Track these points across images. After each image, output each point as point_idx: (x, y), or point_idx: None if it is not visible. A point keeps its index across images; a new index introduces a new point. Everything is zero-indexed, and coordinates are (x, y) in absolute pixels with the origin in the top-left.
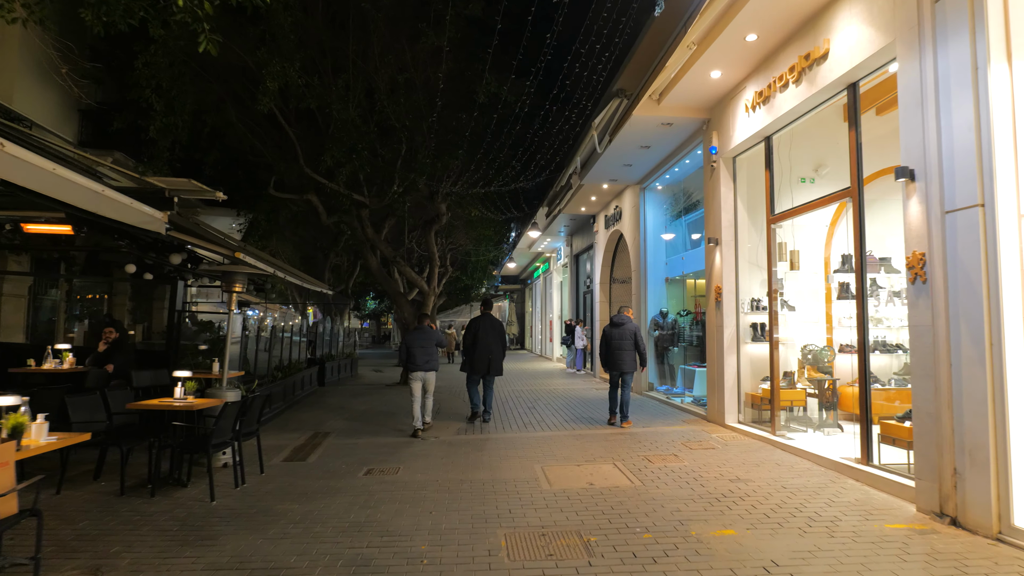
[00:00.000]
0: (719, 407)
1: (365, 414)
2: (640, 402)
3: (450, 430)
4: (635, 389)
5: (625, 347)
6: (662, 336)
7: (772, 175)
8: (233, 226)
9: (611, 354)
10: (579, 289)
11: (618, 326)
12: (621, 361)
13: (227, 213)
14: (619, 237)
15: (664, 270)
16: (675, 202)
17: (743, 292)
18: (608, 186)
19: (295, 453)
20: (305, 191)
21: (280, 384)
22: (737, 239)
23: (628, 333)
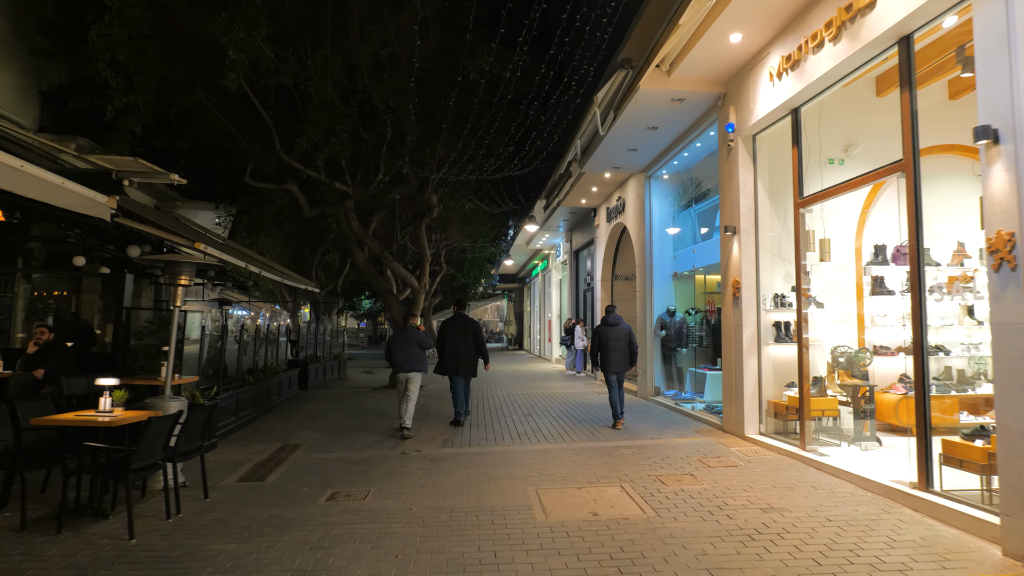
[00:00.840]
0: (737, 416)
1: (343, 422)
2: (646, 408)
3: (435, 442)
4: (640, 394)
5: (621, 347)
6: (669, 336)
7: (800, 153)
8: (216, 221)
9: (608, 355)
10: (579, 287)
11: (614, 326)
12: (617, 362)
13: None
14: (622, 231)
15: (671, 265)
16: (683, 191)
17: (764, 287)
18: (610, 175)
19: (254, 471)
20: (284, 180)
21: (250, 389)
22: (757, 227)
23: (623, 333)
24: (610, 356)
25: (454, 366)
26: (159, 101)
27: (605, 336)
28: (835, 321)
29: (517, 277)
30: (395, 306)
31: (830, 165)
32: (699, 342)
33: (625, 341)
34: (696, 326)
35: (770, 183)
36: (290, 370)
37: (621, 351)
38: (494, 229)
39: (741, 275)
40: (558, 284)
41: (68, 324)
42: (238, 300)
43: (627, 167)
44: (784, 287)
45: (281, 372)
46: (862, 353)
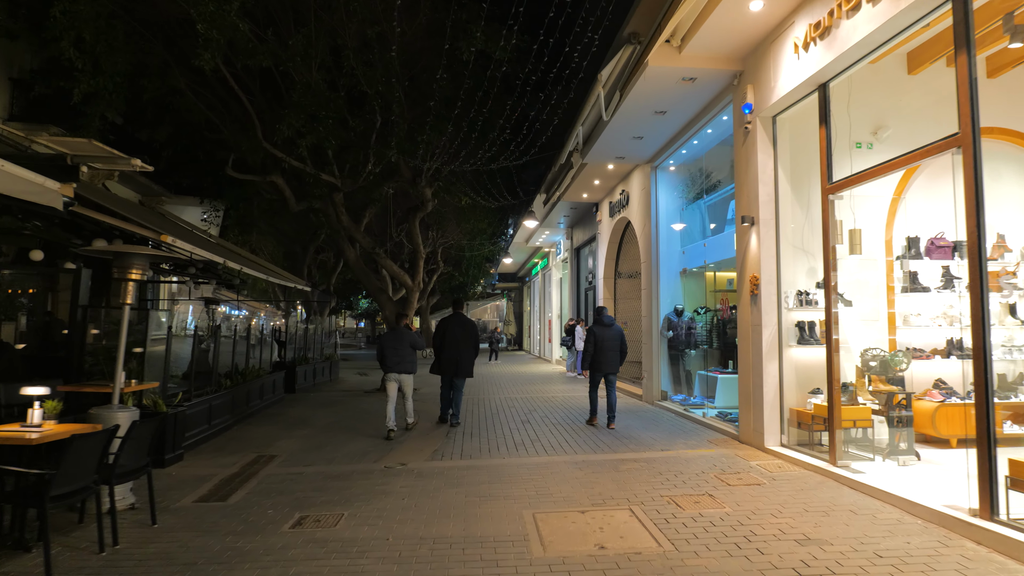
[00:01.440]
0: (756, 426)
1: (327, 430)
2: (653, 414)
3: (423, 453)
4: (646, 398)
5: (614, 347)
6: (677, 337)
7: (829, 133)
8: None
9: (602, 355)
10: (580, 286)
11: (608, 327)
12: (611, 363)
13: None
14: (626, 226)
15: (679, 261)
16: (692, 183)
17: (786, 283)
18: (614, 166)
19: (217, 489)
20: (269, 172)
21: (227, 394)
22: (778, 217)
23: (617, 334)
24: (605, 356)
25: (452, 367)
26: (132, 86)
27: (602, 337)
28: (863, 321)
29: (517, 276)
30: (388, 305)
31: (857, 149)
32: (709, 343)
33: (618, 342)
34: (705, 326)
35: (792, 169)
36: (275, 372)
37: (614, 351)
38: (492, 226)
39: (760, 270)
40: (558, 283)
41: (41, 324)
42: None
43: (632, 157)
44: (808, 283)
45: (264, 375)
46: (898, 356)
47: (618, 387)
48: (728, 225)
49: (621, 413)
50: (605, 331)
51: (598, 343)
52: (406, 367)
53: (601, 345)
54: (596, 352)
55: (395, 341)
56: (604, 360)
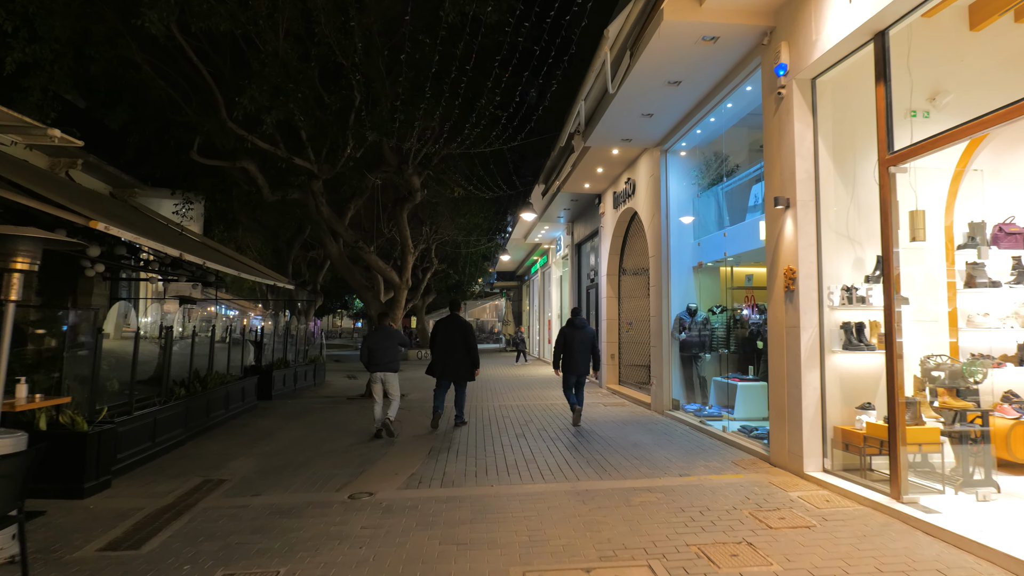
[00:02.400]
0: (792, 447)
1: (294, 445)
2: (665, 427)
3: (397, 478)
4: (654, 407)
5: (584, 349)
6: (690, 340)
7: (889, 91)
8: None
9: (571, 357)
10: (581, 284)
11: (580, 328)
12: (580, 364)
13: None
14: (631, 217)
15: (692, 255)
16: (707, 168)
17: (828, 276)
18: (619, 151)
19: (135, 531)
20: (238, 157)
21: (179, 405)
22: (819, 199)
23: (588, 336)
24: (574, 358)
25: (443, 368)
26: (78, 56)
27: (571, 338)
28: (918, 321)
29: (516, 275)
30: (374, 304)
31: (912, 119)
32: (726, 346)
33: (588, 344)
34: (722, 327)
35: (834, 141)
36: (247, 378)
37: (584, 353)
38: (489, 221)
39: (798, 261)
40: (558, 281)
41: None
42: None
43: (640, 139)
44: (855, 277)
45: (232, 381)
46: (974, 366)
47: (624, 394)
48: (750, 213)
49: (628, 425)
50: (576, 333)
51: (568, 344)
52: (392, 365)
53: (571, 347)
54: (566, 354)
55: (382, 339)
56: (574, 361)
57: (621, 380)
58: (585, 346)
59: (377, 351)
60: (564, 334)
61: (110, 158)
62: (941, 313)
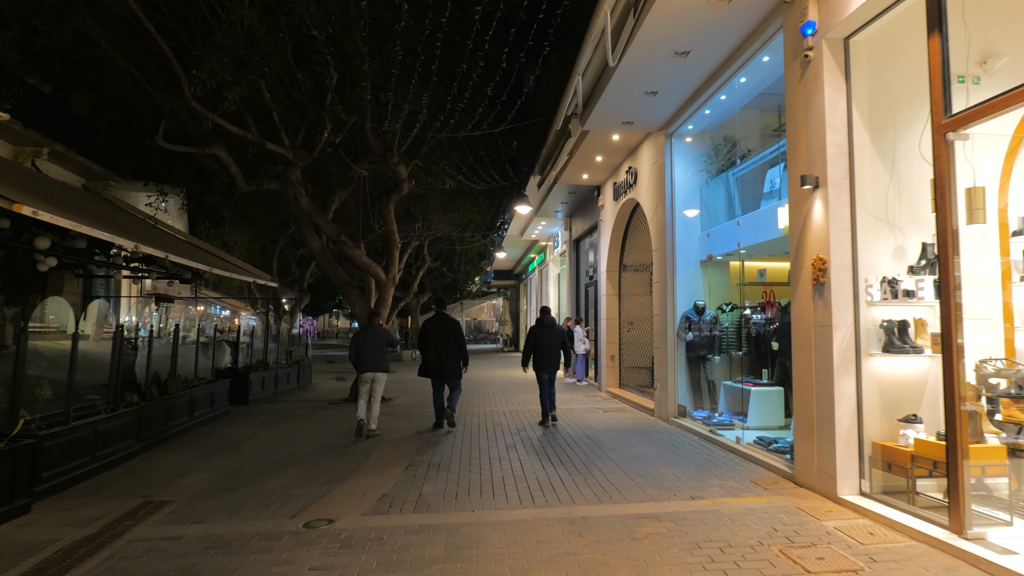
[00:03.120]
0: (823, 464)
1: (258, 458)
2: (671, 437)
3: (365, 499)
4: (658, 414)
5: (554, 348)
6: (698, 340)
7: (945, 44)
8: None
9: (541, 356)
10: (580, 281)
11: (548, 328)
12: (549, 363)
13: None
14: (633, 209)
15: (700, 247)
16: (716, 153)
17: (865, 267)
18: (620, 136)
19: (36, 573)
20: (208, 142)
21: (129, 414)
22: (853, 177)
23: (557, 335)
24: (544, 357)
25: (437, 368)
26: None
27: (541, 337)
28: (971, 319)
29: (513, 273)
30: (357, 301)
31: (960, 84)
32: (736, 347)
33: (558, 343)
34: (732, 326)
35: (871, 111)
36: (218, 381)
37: (553, 352)
38: (483, 216)
39: (829, 249)
40: (556, 279)
41: None
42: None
43: (643, 122)
44: (895, 267)
45: (200, 385)
46: None
47: (625, 399)
48: (765, 200)
49: (630, 435)
50: (545, 332)
51: (537, 344)
52: (382, 365)
53: (540, 346)
54: (536, 353)
55: (371, 338)
56: (544, 360)
57: (622, 383)
58: (554, 345)
59: (366, 351)
60: (534, 334)
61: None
62: (994, 310)
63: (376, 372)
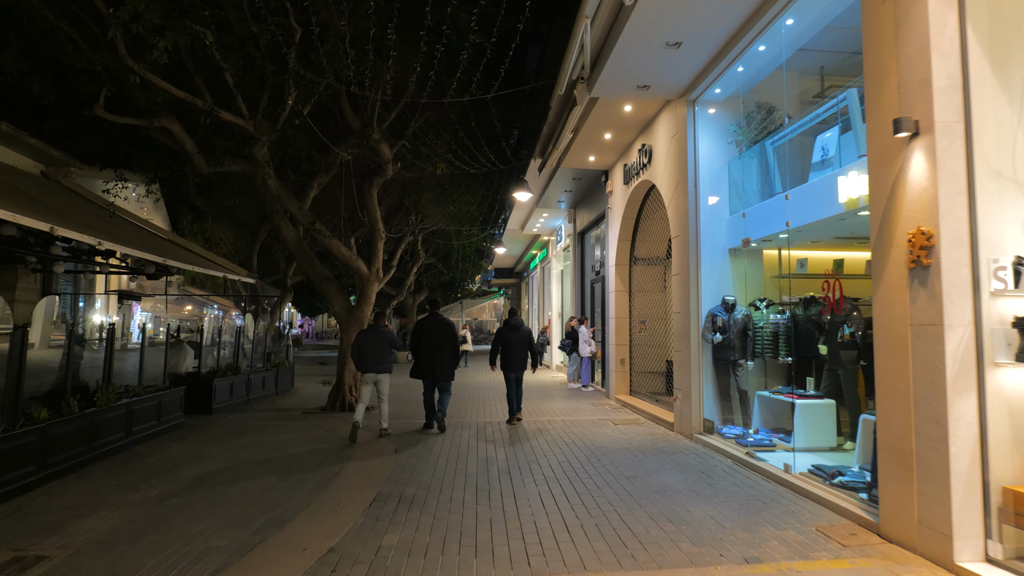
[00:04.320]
0: (928, 515)
1: (188, 491)
2: (699, 460)
3: (308, 553)
4: (680, 429)
5: (521, 348)
6: (727, 342)
7: None
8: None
9: (509, 356)
10: (585, 277)
11: (516, 329)
12: (517, 363)
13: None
14: (647, 193)
15: (731, 232)
16: (749, 122)
17: (988, 243)
18: (633, 107)
19: None
20: (156, 113)
21: (30, 435)
22: (970, 121)
23: (524, 336)
24: (511, 357)
25: (431, 370)
26: None
27: (508, 338)
28: None
29: (514, 271)
30: (336, 298)
31: None
32: (773, 351)
33: (525, 344)
34: (768, 326)
35: (992, 31)
36: (170, 389)
37: (521, 352)
38: (481, 209)
39: (937, 219)
40: (559, 276)
41: None
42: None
43: (662, 84)
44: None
45: (143, 394)
46: None
47: (638, 408)
48: (815, 171)
49: (649, 456)
50: (513, 333)
51: (505, 344)
52: (384, 367)
53: (508, 347)
54: (504, 354)
55: (373, 339)
56: (512, 360)
57: (633, 390)
58: (522, 345)
59: (367, 351)
60: (501, 334)
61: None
62: None
63: (378, 373)
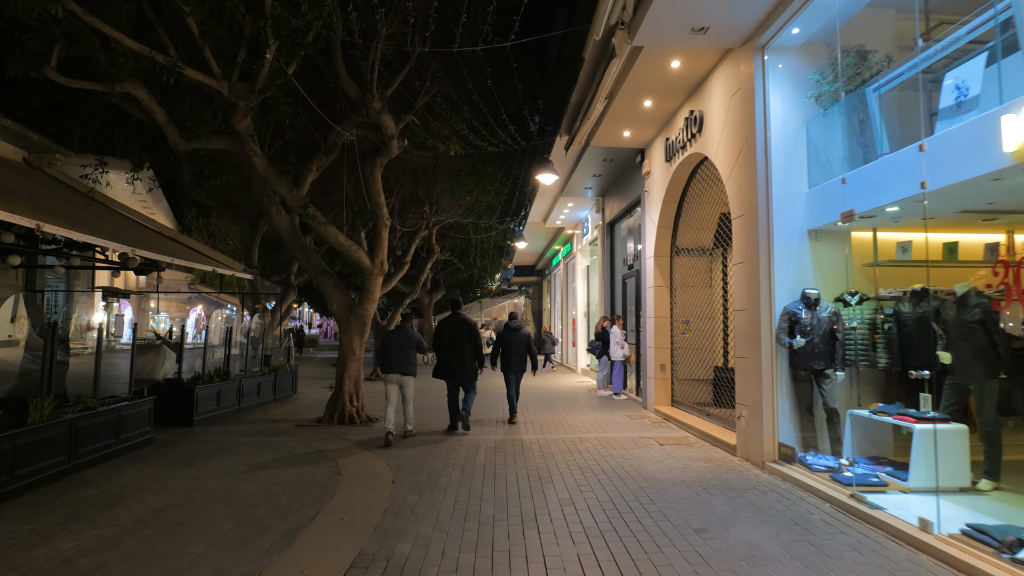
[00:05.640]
0: None
1: (105, 548)
2: (786, 505)
3: None
4: (745, 454)
5: (520, 351)
6: (810, 348)
7: None
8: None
9: (509, 358)
10: (615, 273)
11: (515, 331)
12: (516, 364)
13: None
14: (694, 169)
15: (810, 210)
16: (837, 69)
17: None
18: (682, 61)
19: None
20: (117, 76)
21: None
22: None
23: (523, 338)
24: (510, 359)
25: (453, 370)
26: None
27: (508, 340)
28: None
29: (535, 269)
30: (335, 295)
31: None
32: (869, 358)
33: (524, 346)
34: (864, 325)
35: None
36: (135, 401)
37: (520, 354)
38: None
39: None
40: (584, 273)
41: None
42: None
43: (723, 27)
44: None
45: (95, 410)
46: None
47: (683, 423)
48: (945, 119)
49: (715, 495)
50: (511, 335)
51: (505, 346)
52: (409, 368)
53: (508, 348)
54: (504, 356)
55: (401, 340)
56: (511, 362)
57: (675, 400)
58: (520, 348)
59: (393, 352)
60: (501, 336)
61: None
62: None
63: (403, 375)
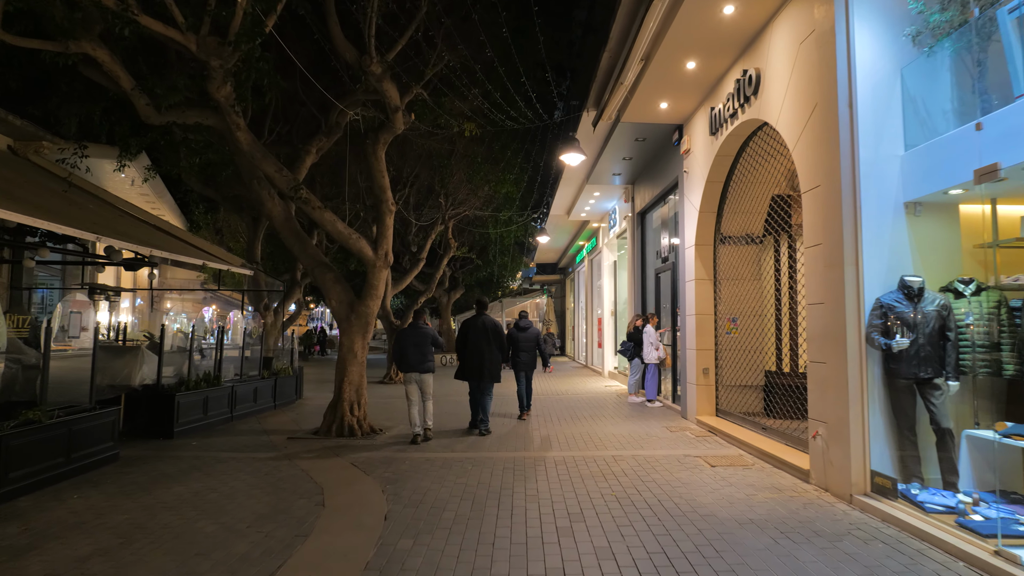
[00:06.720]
0: None
1: None
2: (898, 558)
3: None
4: (825, 483)
5: (529, 348)
6: (914, 351)
7: None
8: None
9: (517, 356)
10: (647, 267)
11: (524, 330)
12: (525, 362)
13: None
14: (746, 141)
15: (914, 174)
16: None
17: None
18: (736, 6)
19: None
20: (71, 33)
21: None
22: None
23: (532, 336)
24: (520, 357)
25: (478, 370)
26: None
27: (517, 339)
28: None
29: (558, 267)
30: (334, 289)
31: None
32: (992, 364)
33: (533, 343)
34: (984, 320)
35: None
36: (96, 413)
37: (529, 352)
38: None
39: None
40: (611, 268)
41: None
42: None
43: None
44: None
45: (36, 425)
46: None
47: (735, 438)
48: None
49: (798, 540)
50: (520, 334)
51: (514, 344)
52: (428, 366)
53: (517, 347)
54: (513, 353)
55: (417, 337)
56: (520, 360)
57: (719, 410)
58: (530, 345)
59: (410, 351)
60: (511, 335)
61: None
62: None
63: (421, 373)
